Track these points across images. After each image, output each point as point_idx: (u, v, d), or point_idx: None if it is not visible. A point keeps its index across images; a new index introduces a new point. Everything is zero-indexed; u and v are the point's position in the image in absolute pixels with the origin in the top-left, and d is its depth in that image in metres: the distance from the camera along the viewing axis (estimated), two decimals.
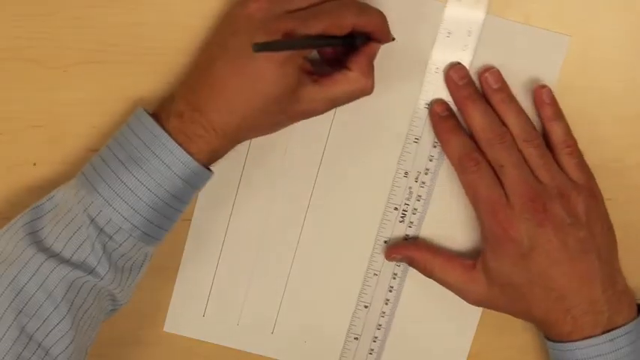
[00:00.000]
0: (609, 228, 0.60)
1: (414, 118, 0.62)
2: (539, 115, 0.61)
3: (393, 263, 0.64)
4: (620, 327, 0.57)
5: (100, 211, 0.54)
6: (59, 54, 0.61)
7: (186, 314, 0.65)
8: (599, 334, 0.57)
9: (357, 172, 0.63)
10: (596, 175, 0.62)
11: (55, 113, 0.62)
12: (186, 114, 0.55)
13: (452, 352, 0.65)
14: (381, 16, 0.57)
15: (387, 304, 0.64)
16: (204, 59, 0.57)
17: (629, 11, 0.61)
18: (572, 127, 0.62)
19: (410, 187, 0.63)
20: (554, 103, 0.60)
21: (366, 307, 0.64)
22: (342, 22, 0.55)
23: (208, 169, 0.56)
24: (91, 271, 0.54)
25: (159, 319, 0.65)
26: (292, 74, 0.54)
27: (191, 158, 0.54)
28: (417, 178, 0.62)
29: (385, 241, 0.63)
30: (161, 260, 0.63)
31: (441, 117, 0.61)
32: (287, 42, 0.53)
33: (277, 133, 0.58)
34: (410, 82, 0.61)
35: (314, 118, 0.58)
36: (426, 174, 0.62)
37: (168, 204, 0.55)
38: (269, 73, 0.54)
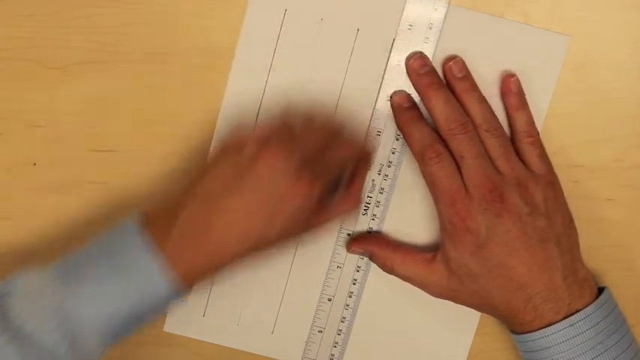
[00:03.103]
0: (570, 219, 0.60)
1: (376, 111, 0.62)
2: (504, 104, 0.61)
3: (357, 256, 0.64)
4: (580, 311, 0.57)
5: (74, 309, 0.53)
6: (59, 54, 0.61)
7: (186, 314, 0.65)
8: (560, 321, 0.57)
9: None
10: (596, 175, 0.63)
11: (55, 113, 0.62)
12: (187, 238, 0.55)
13: (452, 352, 0.65)
14: (372, 150, 0.61)
15: (350, 297, 0.64)
16: (215, 186, 0.56)
17: (629, 11, 0.61)
18: (572, 127, 0.62)
19: (373, 180, 0.63)
20: (520, 92, 0.61)
21: (329, 300, 0.64)
22: (347, 163, 0.59)
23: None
24: None
25: (159, 319, 0.65)
26: (307, 219, 0.57)
27: (172, 283, 0.54)
28: (379, 171, 0.63)
29: (349, 234, 0.64)
30: None
31: (403, 108, 0.61)
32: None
33: None
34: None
35: None
36: (389, 166, 0.62)
37: (138, 317, 0.55)
38: (288, 221, 0.55)
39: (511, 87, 0.61)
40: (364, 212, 0.63)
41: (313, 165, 0.56)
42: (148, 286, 0.54)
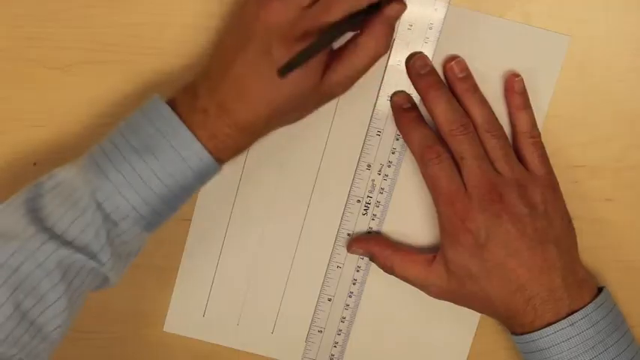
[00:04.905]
0: (569, 220, 0.60)
1: (376, 111, 0.62)
2: (507, 104, 0.61)
3: (356, 256, 0.64)
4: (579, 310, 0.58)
5: (109, 197, 0.53)
6: (59, 54, 0.61)
7: (186, 314, 0.65)
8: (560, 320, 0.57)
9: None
10: (596, 175, 0.63)
11: (55, 113, 0.62)
12: (211, 111, 0.55)
13: (452, 352, 0.65)
14: None
15: (350, 296, 0.64)
16: (223, 58, 0.56)
17: (629, 11, 0.61)
18: (572, 127, 0.62)
19: (373, 180, 0.63)
20: (524, 92, 0.61)
21: (329, 299, 0.64)
22: (357, 3, 0.54)
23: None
24: (93, 257, 0.54)
25: (159, 319, 0.65)
26: (315, 73, 0.55)
27: (207, 153, 0.54)
28: (379, 171, 0.63)
29: (349, 234, 0.64)
30: (161, 260, 0.63)
31: (403, 109, 0.61)
32: (308, 50, 0.52)
33: (275, 135, 0.58)
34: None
35: None
36: (389, 166, 0.63)
37: (177, 195, 0.55)
38: (292, 75, 0.53)
39: (515, 86, 0.61)
40: (364, 212, 0.63)
41: (314, 9, 0.54)
42: (179, 163, 0.54)
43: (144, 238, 0.57)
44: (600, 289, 0.60)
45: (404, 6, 0.56)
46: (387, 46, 0.56)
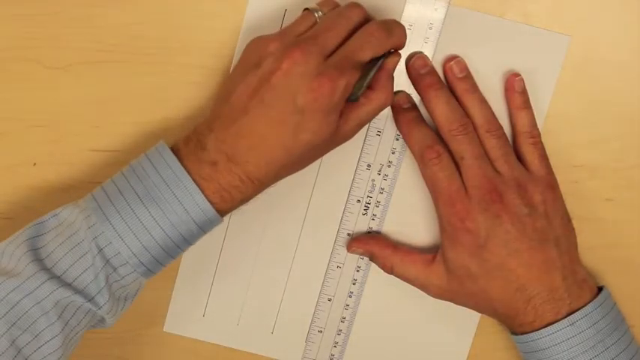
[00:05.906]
0: (568, 220, 0.60)
1: None
2: (508, 103, 0.61)
3: (357, 256, 0.64)
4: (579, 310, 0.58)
5: (110, 242, 0.54)
6: (59, 54, 0.61)
7: (186, 314, 0.65)
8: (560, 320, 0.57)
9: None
10: (596, 175, 0.63)
11: (55, 113, 0.62)
12: (220, 164, 0.54)
13: (452, 353, 0.65)
14: (403, 29, 0.57)
15: (350, 296, 0.64)
16: (233, 107, 0.55)
17: (629, 11, 0.61)
18: (571, 127, 0.62)
19: (373, 180, 0.63)
20: (524, 92, 0.61)
21: (329, 300, 0.64)
22: (377, 53, 0.56)
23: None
24: (91, 299, 0.54)
25: (159, 319, 0.65)
26: (335, 120, 0.55)
27: (211, 207, 0.54)
28: (379, 171, 0.63)
29: (349, 234, 0.64)
30: None
31: (403, 109, 0.61)
32: (361, 82, 0.55)
33: None
34: None
35: None
36: (389, 166, 0.63)
37: (177, 245, 0.55)
38: (314, 124, 0.54)
39: (515, 86, 0.61)
40: (364, 212, 0.63)
41: (336, 60, 0.54)
42: (183, 214, 0.54)
43: (142, 283, 0.57)
44: (600, 289, 0.60)
45: (399, 56, 0.58)
46: (392, 97, 0.58)
